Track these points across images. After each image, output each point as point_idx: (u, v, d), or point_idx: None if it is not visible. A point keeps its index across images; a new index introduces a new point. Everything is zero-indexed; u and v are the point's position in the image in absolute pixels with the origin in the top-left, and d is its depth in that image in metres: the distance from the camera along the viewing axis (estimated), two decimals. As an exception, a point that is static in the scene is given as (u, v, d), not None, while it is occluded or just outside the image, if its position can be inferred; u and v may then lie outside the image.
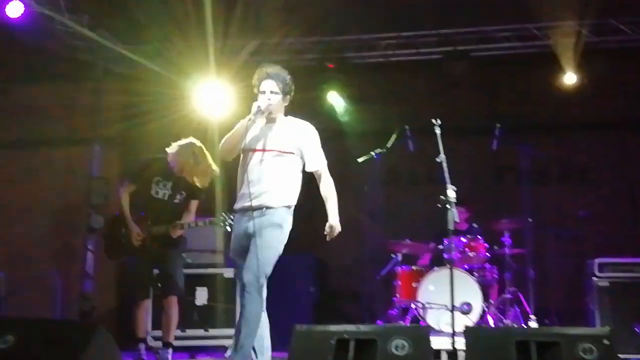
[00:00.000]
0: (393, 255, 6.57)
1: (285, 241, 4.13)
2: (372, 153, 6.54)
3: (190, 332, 6.25)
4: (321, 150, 4.27)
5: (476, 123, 7.50)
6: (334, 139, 7.92)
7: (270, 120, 4.22)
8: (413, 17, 7.15)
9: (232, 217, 4.78)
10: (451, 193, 4.51)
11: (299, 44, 7.64)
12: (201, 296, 6.39)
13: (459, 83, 7.53)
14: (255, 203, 4.04)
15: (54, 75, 8.01)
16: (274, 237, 4.05)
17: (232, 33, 7.35)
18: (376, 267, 6.77)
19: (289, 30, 7.41)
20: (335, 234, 4.15)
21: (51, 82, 8.22)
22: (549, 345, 3.33)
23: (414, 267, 6.50)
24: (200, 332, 6.32)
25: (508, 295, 6.32)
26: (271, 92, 4.14)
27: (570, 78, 7.24)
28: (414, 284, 6.25)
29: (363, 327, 3.53)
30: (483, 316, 6.06)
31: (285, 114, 4.31)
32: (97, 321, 7.23)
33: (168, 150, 5.34)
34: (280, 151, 4.13)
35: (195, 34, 6.92)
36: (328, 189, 4.20)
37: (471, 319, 5.93)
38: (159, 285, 5.47)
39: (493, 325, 6.06)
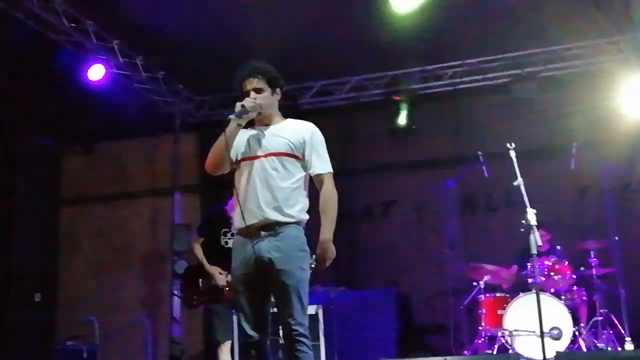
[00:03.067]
0: (475, 284, 6.47)
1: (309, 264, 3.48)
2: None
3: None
4: (327, 154, 3.60)
5: (552, 144, 7.35)
6: (406, 170, 7.98)
7: (265, 122, 3.60)
8: (477, 44, 7.15)
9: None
10: (532, 216, 4.45)
11: (364, 80, 7.78)
12: (285, 335, 6.42)
13: (530, 105, 7.43)
14: (262, 220, 3.41)
15: (135, 130, 8.43)
16: (303, 265, 3.42)
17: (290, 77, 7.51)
18: (459, 297, 6.67)
19: (354, 68, 7.56)
20: (328, 257, 3.43)
21: (132, 136, 8.67)
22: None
23: (497, 294, 6.37)
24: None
25: (599, 318, 6.10)
26: (254, 90, 3.53)
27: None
28: (499, 312, 6.12)
29: (450, 359, 3.51)
30: (574, 341, 5.86)
31: (284, 116, 3.69)
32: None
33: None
34: (284, 153, 3.49)
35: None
36: (327, 201, 3.50)
37: (562, 345, 5.75)
38: None
39: (585, 350, 5.85)
